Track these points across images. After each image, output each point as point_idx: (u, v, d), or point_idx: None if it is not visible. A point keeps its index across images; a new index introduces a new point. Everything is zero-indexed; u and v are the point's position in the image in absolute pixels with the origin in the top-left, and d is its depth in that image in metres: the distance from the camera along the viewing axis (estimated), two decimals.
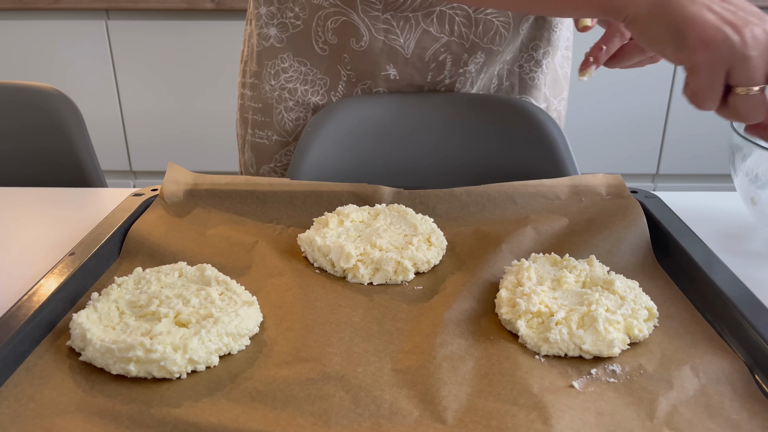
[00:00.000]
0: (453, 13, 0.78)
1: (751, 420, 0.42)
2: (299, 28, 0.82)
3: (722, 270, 0.56)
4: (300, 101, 0.85)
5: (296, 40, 0.83)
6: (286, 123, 0.87)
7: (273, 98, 0.86)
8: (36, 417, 0.43)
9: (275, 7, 0.82)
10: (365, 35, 0.79)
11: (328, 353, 0.48)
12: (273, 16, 0.83)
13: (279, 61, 0.84)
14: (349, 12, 0.78)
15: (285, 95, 0.85)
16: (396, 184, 0.73)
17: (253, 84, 0.88)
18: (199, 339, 0.47)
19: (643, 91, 2.00)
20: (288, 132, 0.87)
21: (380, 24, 0.79)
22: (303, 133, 0.86)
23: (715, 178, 2.08)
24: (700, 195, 0.78)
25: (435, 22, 0.78)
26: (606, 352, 0.47)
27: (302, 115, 0.86)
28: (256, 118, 0.89)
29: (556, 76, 0.91)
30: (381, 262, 0.58)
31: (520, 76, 0.87)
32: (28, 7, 1.85)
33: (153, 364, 0.46)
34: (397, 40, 0.79)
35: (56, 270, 0.56)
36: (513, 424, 0.42)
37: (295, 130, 0.87)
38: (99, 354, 0.47)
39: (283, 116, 0.86)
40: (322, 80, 0.84)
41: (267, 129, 0.88)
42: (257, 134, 0.89)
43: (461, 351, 0.49)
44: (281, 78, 0.85)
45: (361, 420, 0.42)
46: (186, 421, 0.42)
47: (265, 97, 0.87)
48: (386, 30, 0.79)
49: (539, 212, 0.68)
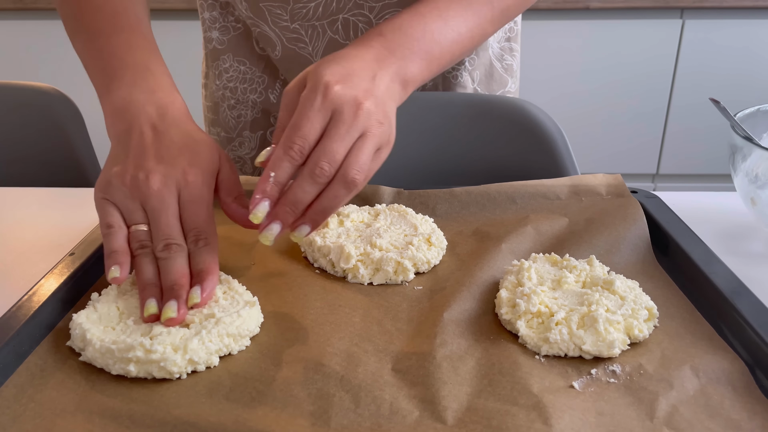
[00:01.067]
0: (356, 20, 0.79)
1: (751, 420, 0.42)
2: (239, 30, 0.86)
3: (722, 270, 0.56)
4: (240, 99, 0.89)
5: (236, 42, 0.87)
6: (230, 120, 0.91)
7: (218, 97, 0.91)
8: (36, 417, 0.43)
9: (217, 12, 0.86)
10: (278, 45, 0.82)
11: (328, 353, 0.48)
12: (215, 20, 0.86)
13: (221, 62, 0.88)
14: (261, 23, 0.81)
15: (227, 94, 0.90)
16: (396, 184, 0.73)
17: (205, 84, 0.93)
18: (200, 339, 0.47)
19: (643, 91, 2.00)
20: (231, 128, 0.92)
21: (290, 34, 0.81)
22: None
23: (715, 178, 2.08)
24: (700, 195, 0.78)
25: (340, 30, 0.80)
26: (606, 353, 0.47)
27: (243, 113, 0.90)
28: (209, 116, 0.94)
29: (490, 71, 0.91)
30: (381, 263, 0.58)
31: (443, 74, 0.88)
32: (28, 7, 1.85)
33: (153, 365, 0.46)
34: (306, 48, 0.81)
35: (56, 270, 0.56)
36: (513, 424, 0.42)
37: (237, 127, 0.91)
38: (99, 354, 0.47)
39: (227, 114, 0.91)
40: (260, 78, 0.87)
41: (217, 126, 0.93)
42: (211, 131, 0.95)
43: (461, 351, 0.49)
44: (224, 78, 0.89)
45: (361, 420, 0.42)
46: (186, 421, 0.42)
47: (213, 96, 0.92)
48: (296, 39, 0.81)
49: (539, 212, 0.68)
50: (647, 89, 2.00)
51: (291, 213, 0.51)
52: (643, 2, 1.87)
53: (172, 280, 0.52)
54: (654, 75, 1.98)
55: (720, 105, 0.69)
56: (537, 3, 1.83)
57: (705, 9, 1.90)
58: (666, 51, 1.96)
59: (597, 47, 1.95)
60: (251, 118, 0.90)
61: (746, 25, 1.92)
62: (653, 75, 1.98)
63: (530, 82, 1.99)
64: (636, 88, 2.00)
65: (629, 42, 1.94)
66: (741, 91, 1.98)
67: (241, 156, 0.93)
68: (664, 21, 1.92)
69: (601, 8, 1.89)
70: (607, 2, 1.87)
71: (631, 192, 0.70)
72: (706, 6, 1.88)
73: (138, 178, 0.54)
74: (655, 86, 2.00)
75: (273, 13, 0.79)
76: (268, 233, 0.51)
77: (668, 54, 1.96)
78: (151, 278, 0.53)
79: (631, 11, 1.91)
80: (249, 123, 0.91)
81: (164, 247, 0.53)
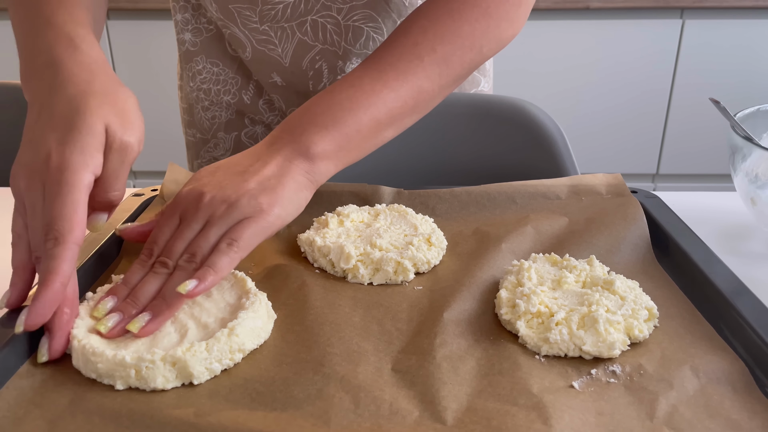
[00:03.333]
0: (324, 21, 0.79)
1: (751, 420, 0.42)
2: (212, 32, 0.86)
3: (722, 270, 0.56)
4: (214, 100, 0.89)
5: (209, 44, 0.86)
6: (204, 121, 0.91)
7: (193, 98, 0.91)
8: (36, 418, 0.42)
9: (189, 14, 0.86)
10: (248, 46, 0.82)
11: (328, 353, 0.48)
12: (188, 22, 0.86)
13: (194, 64, 0.88)
14: (231, 25, 0.81)
15: (201, 95, 0.90)
16: (396, 184, 0.73)
17: (180, 86, 0.93)
18: (205, 360, 0.46)
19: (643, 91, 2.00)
20: (206, 130, 0.92)
21: (259, 35, 0.81)
22: None
23: (715, 178, 2.08)
24: (700, 195, 0.78)
25: (309, 31, 0.80)
26: (606, 354, 0.47)
27: (217, 114, 0.90)
28: (185, 118, 0.94)
29: None
30: (381, 263, 0.58)
31: None
32: None
33: (144, 384, 0.45)
34: (275, 50, 0.82)
35: None
36: (513, 424, 0.42)
37: (211, 128, 0.91)
38: (83, 364, 0.46)
39: (201, 115, 0.91)
40: (233, 80, 0.87)
41: (192, 127, 0.93)
42: (187, 132, 0.95)
43: (461, 351, 0.49)
44: (197, 79, 0.89)
45: (361, 420, 0.42)
46: (186, 422, 0.42)
47: (188, 98, 0.92)
48: (265, 41, 0.81)
49: (539, 212, 0.68)
50: (647, 89, 2.00)
51: (132, 305, 0.49)
52: (643, 2, 1.87)
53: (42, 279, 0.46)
54: (654, 75, 1.99)
55: (720, 105, 0.69)
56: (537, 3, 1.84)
57: (705, 9, 1.90)
58: (666, 51, 1.96)
59: (597, 47, 1.95)
60: (225, 119, 0.90)
61: (746, 25, 1.92)
62: (653, 75, 1.99)
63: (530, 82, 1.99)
64: (636, 88, 2.00)
65: (629, 42, 1.94)
66: (741, 91, 1.98)
67: (217, 157, 0.93)
68: (664, 21, 1.92)
69: (601, 8, 1.89)
70: (607, 2, 1.87)
71: (631, 192, 0.70)
72: (706, 6, 1.88)
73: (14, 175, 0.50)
74: (655, 86, 2.00)
75: (242, 14, 0.79)
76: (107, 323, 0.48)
77: (668, 54, 1.96)
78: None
79: (631, 11, 1.91)
80: (223, 124, 0.91)
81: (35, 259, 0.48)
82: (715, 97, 0.70)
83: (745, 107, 0.71)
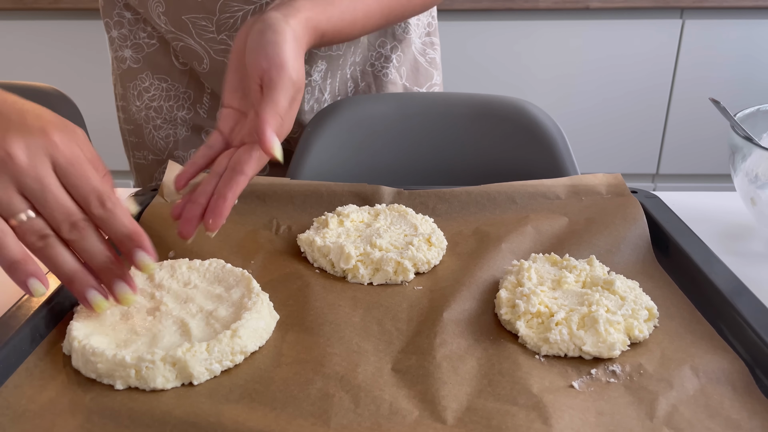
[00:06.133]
0: None
1: (751, 420, 0.42)
2: (154, 47, 0.82)
3: (722, 270, 0.56)
4: (167, 118, 0.85)
5: (153, 59, 0.83)
6: (157, 141, 0.87)
7: (141, 118, 0.86)
8: (36, 417, 0.43)
9: (126, 29, 0.82)
10: (205, 58, 0.79)
11: (328, 353, 0.48)
12: (125, 38, 0.83)
13: (139, 81, 0.84)
14: (184, 37, 0.78)
15: (152, 114, 0.85)
16: (396, 184, 0.73)
17: (123, 107, 0.88)
18: (205, 361, 0.46)
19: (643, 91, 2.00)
20: (161, 150, 0.87)
21: (218, 45, 0.78)
22: (303, 133, 0.86)
23: (715, 178, 2.08)
24: (700, 195, 0.78)
25: None
26: (606, 354, 0.47)
27: (172, 132, 0.86)
28: (131, 140, 0.89)
29: (415, 66, 0.92)
30: (381, 263, 0.58)
31: (374, 74, 0.88)
32: (28, 7, 1.85)
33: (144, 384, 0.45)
34: None
35: None
36: (513, 424, 0.42)
37: (166, 148, 0.86)
38: (82, 364, 0.46)
39: (153, 135, 0.86)
40: (185, 94, 0.84)
41: (142, 149, 0.88)
42: (136, 155, 0.90)
43: (461, 351, 0.49)
44: (145, 98, 0.85)
45: (361, 420, 0.42)
46: (186, 421, 0.42)
47: (134, 118, 0.87)
48: (224, 50, 0.78)
49: (539, 212, 0.68)
50: (647, 89, 2.00)
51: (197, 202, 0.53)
52: (643, 2, 1.87)
53: (102, 260, 0.46)
54: (654, 75, 1.98)
55: (720, 105, 0.69)
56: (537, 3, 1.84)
57: (705, 9, 1.90)
58: (666, 51, 1.96)
59: (597, 47, 1.95)
60: (182, 136, 0.86)
61: (746, 25, 1.92)
62: (653, 75, 1.98)
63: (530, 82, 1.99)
64: (636, 88, 2.00)
65: (629, 42, 1.94)
66: (741, 91, 1.98)
67: None
68: (664, 21, 1.92)
69: (601, 8, 1.89)
70: (607, 2, 1.87)
71: (631, 192, 0.70)
72: (706, 6, 1.88)
73: None
74: (655, 86, 2.00)
75: (197, 25, 0.76)
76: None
77: (668, 54, 1.96)
78: (75, 266, 0.46)
79: (631, 11, 1.91)
80: (180, 142, 0.87)
81: (71, 227, 0.45)
82: (715, 97, 0.70)
83: (745, 107, 0.71)
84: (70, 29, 1.88)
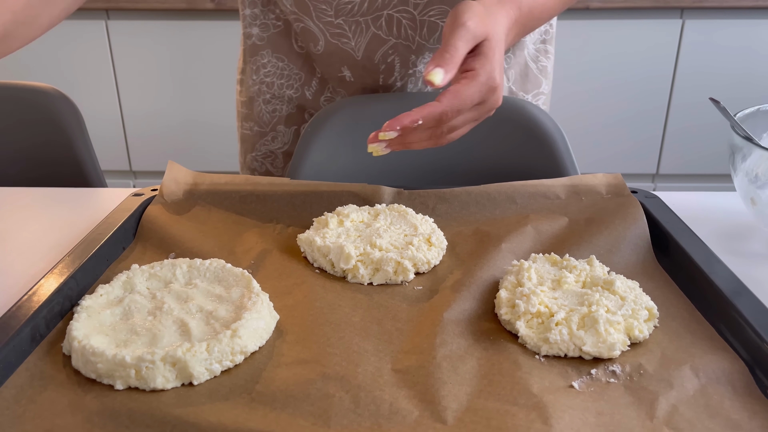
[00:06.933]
0: (400, 16, 0.80)
1: (751, 420, 0.42)
2: (279, 28, 0.88)
3: (722, 270, 0.56)
4: (276, 94, 0.92)
5: (276, 39, 0.89)
6: (264, 114, 0.93)
7: (254, 92, 0.93)
8: (35, 417, 0.42)
9: (258, 9, 0.88)
10: (321, 39, 0.84)
11: (328, 353, 0.48)
12: (256, 17, 0.89)
13: (259, 57, 0.90)
14: (305, 18, 0.83)
15: (264, 89, 0.92)
16: (396, 184, 0.73)
17: (241, 79, 0.95)
18: (205, 361, 0.46)
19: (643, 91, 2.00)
20: (265, 123, 0.94)
21: (334, 29, 0.82)
22: (303, 133, 0.86)
23: (715, 178, 2.08)
24: (700, 195, 0.78)
25: (384, 26, 0.81)
26: (606, 354, 0.47)
27: (278, 108, 0.93)
28: (242, 111, 0.96)
29: (525, 71, 0.92)
30: (381, 263, 0.58)
31: None
32: None
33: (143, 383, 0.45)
34: (348, 43, 0.83)
35: (56, 270, 0.56)
36: (513, 424, 0.42)
37: (270, 122, 0.94)
38: (82, 364, 0.46)
39: (261, 108, 0.93)
40: (297, 75, 0.90)
41: (250, 120, 0.95)
42: (244, 125, 0.97)
43: (461, 351, 0.49)
44: (261, 73, 0.91)
45: (361, 420, 0.42)
46: (186, 421, 0.42)
47: (249, 91, 0.94)
48: (339, 34, 0.82)
49: (539, 212, 0.68)
50: (647, 89, 2.00)
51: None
52: (643, 2, 1.87)
53: None
54: (654, 75, 1.98)
55: (720, 105, 0.69)
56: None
57: (705, 9, 1.90)
58: (666, 51, 1.96)
59: (597, 47, 1.95)
60: (286, 113, 0.92)
61: (746, 25, 1.92)
62: (653, 75, 1.98)
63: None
64: (636, 88, 2.00)
65: (629, 42, 1.94)
66: (741, 91, 1.98)
67: (273, 150, 0.95)
68: (664, 21, 1.92)
69: (601, 8, 1.89)
70: (607, 2, 1.87)
71: (631, 192, 0.70)
72: (706, 6, 1.88)
73: None
74: (655, 86, 2.00)
75: (318, 8, 0.81)
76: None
77: (668, 54, 1.96)
78: None
79: (631, 11, 1.91)
80: (284, 117, 0.93)
81: None
82: (715, 97, 0.70)
83: (745, 107, 0.71)
84: (70, 29, 1.88)
